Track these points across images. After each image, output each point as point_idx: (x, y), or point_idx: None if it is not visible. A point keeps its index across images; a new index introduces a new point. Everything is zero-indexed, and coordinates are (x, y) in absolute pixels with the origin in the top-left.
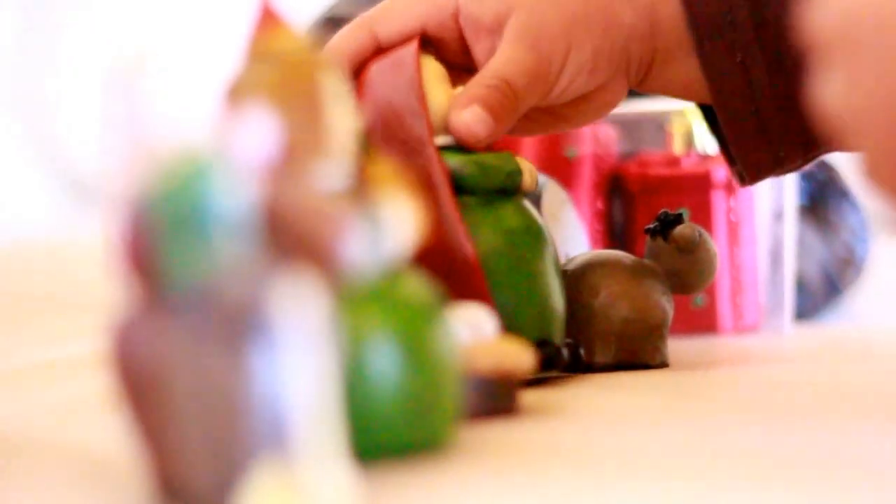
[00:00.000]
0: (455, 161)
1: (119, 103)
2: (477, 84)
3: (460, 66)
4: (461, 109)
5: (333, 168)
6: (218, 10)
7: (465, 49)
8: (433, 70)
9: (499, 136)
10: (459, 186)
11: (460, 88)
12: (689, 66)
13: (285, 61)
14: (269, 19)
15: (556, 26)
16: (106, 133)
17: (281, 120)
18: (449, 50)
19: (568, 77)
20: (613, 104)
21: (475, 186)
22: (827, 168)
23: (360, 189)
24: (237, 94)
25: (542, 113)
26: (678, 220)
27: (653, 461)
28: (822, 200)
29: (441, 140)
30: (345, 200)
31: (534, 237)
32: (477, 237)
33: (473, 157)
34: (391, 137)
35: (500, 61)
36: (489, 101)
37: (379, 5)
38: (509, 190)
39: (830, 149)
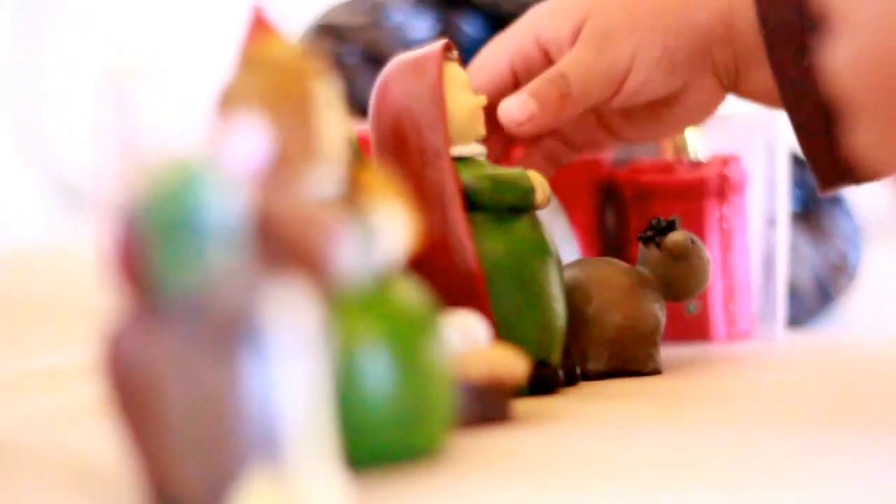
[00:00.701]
0: (469, 176)
1: (112, 111)
2: (537, 78)
3: None
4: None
5: (324, 175)
6: (210, 17)
7: None
8: (456, 77)
9: (545, 126)
10: (472, 201)
11: (482, 97)
12: (767, 73)
13: (277, 69)
14: (261, 27)
15: (624, 27)
16: (99, 141)
17: (272, 127)
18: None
19: (640, 76)
20: (710, 107)
21: (488, 202)
22: None
23: (352, 196)
24: (229, 101)
25: (640, 115)
26: (671, 227)
27: (645, 468)
28: (814, 207)
29: (457, 151)
30: (336, 208)
31: (542, 256)
32: (486, 253)
33: (488, 172)
34: (405, 145)
35: (565, 61)
36: (539, 91)
37: (473, 62)
38: (522, 207)
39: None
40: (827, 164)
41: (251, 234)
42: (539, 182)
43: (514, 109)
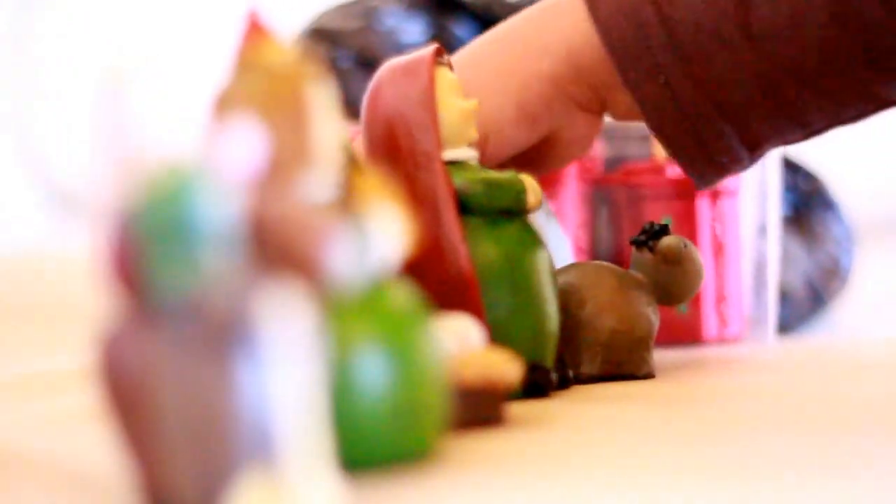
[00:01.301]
0: (461, 179)
1: (107, 115)
2: None
3: None
4: None
5: (319, 179)
6: (205, 22)
7: None
8: (447, 82)
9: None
10: (465, 205)
11: (474, 101)
12: (626, 94)
13: (272, 73)
14: (256, 32)
15: (481, 92)
16: (94, 145)
17: (267, 132)
18: None
19: (501, 139)
20: (591, 136)
21: (480, 206)
22: (811, 179)
23: (347, 200)
24: (224, 105)
25: (524, 158)
26: (664, 231)
27: (638, 471)
28: (806, 211)
29: (449, 155)
30: (330, 211)
31: (535, 259)
32: (479, 256)
33: (480, 175)
34: (397, 149)
35: None
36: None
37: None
38: (514, 210)
39: (777, 142)
40: (702, 166)
41: (246, 239)
42: (531, 185)
43: None
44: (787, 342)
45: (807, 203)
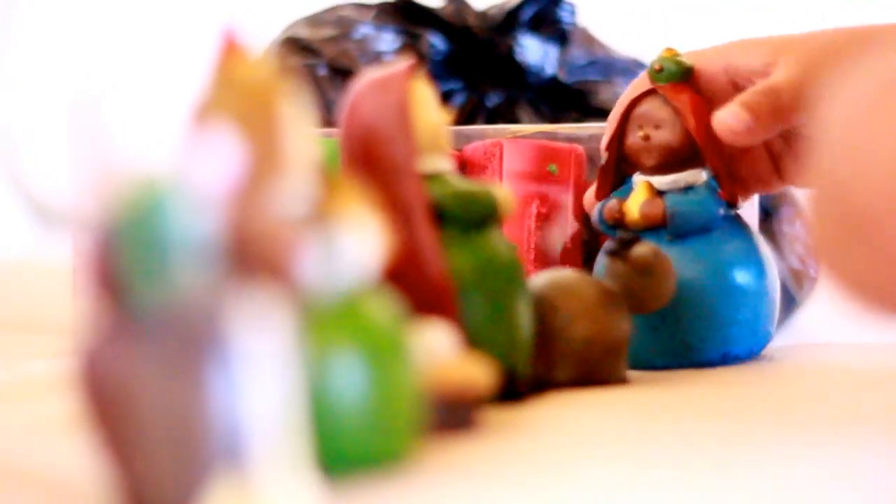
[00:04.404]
0: (437, 190)
1: (84, 129)
2: (747, 91)
3: None
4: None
5: (293, 191)
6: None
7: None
8: (422, 94)
9: (758, 137)
10: (440, 215)
11: (448, 114)
12: None
13: (246, 88)
14: (231, 47)
15: (821, 61)
16: (72, 158)
17: (242, 145)
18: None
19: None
20: None
21: (455, 217)
22: None
23: (322, 212)
24: (200, 119)
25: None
26: (636, 240)
27: (610, 476)
28: (775, 212)
29: (425, 167)
30: (303, 223)
31: (509, 270)
32: (454, 266)
33: (455, 187)
34: (374, 161)
35: (775, 77)
36: (751, 102)
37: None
38: (488, 220)
39: None
40: None
41: (221, 250)
42: (504, 196)
43: (729, 119)
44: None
45: (775, 204)
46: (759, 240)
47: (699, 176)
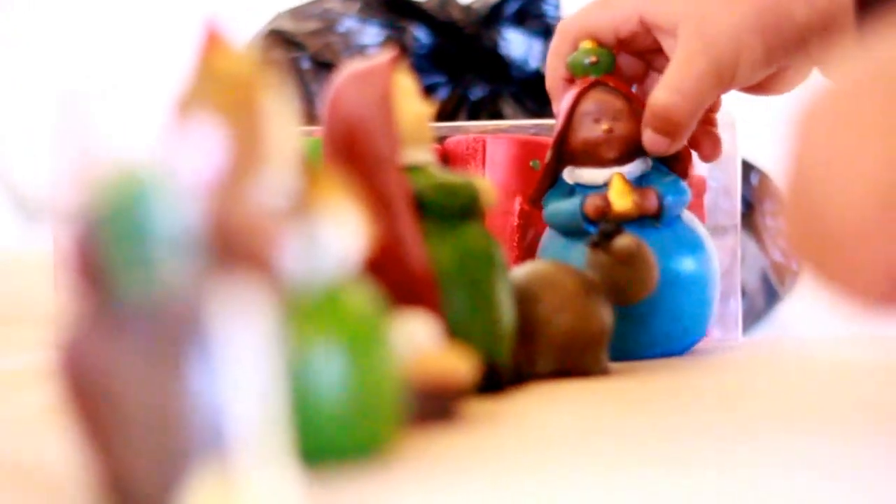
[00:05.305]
0: (419, 182)
1: (67, 120)
2: (648, 109)
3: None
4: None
5: (275, 184)
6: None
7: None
8: (404, 86)
9: (680, 143)
10: (422, 207)
11: (431, 106)
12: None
13: (230, 80)
14: (214, 38)
15: (727, 32)
16: (54, 149)
17: (225, 137)
18: (643, 45)
19: (742, 77)
20: (800, 81)
21: (437, 208)
22: (759, 173)
23: (304, 204)
24: (182, 111)
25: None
26: (618, 231)
27: (592, 467)
28: (756, 206)
29: (407, 159)
30: (285, 215)
31: (490, 261)
32: (436, 257)
33: (437, 179)
34: (356, 153)
35: (672, 71)
36: (657, 127)
37: (573, 17)
38: (470, 212)
39: None
40: None
41: (203, 241)
42: (486, 188)
43: (653, 146)
44: (743, 338)
45: (756, 198)
46: (697, 222)
47: (648, 162)
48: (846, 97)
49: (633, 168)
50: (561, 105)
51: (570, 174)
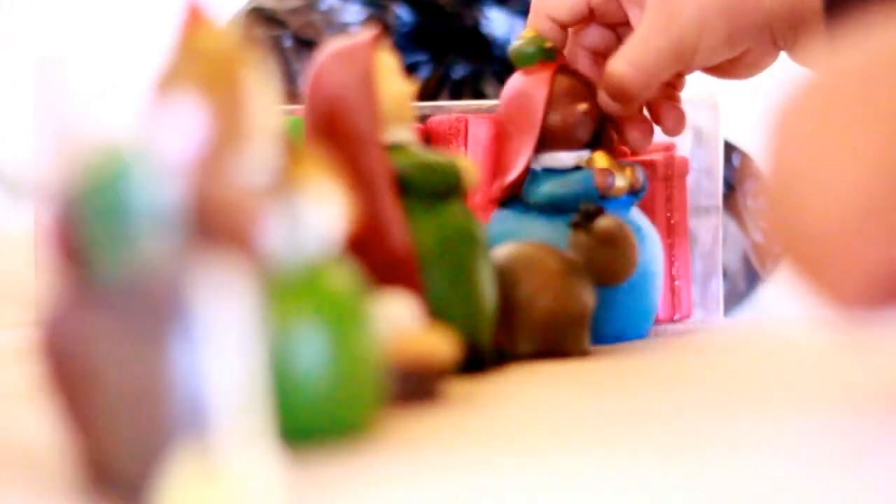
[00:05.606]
0: (400, 161)
1: (47, 98)
2: (605, 73)
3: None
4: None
5: (256, 161)
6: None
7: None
8: (386, 65)
9: (632, 109)
10: (404, 186)
11: (413, 84)
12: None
13: (210, 58)
14: (195, 16)
15: (692, 11)
16: (34, 126)
17: (206, 114)
18: (615, 19)
19: (703, 57)
20: (762, 66)
21: (418, 187)
22: (741, 155)
23: (285, 182)
24: (163, 89)
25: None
26: (599, 212)
27: (572, 448)
28: (738, 188)
29: (389, 137)
30: (266, 193)
31: (472, 240)
32: (417, 237)
33: (418, 158)
34: (338, 131)
35: (632, 43)
36: (610, 94)
37: None
38: (452, 192)
39: None
40: None
41: (184, 219)
42: (467, 168)
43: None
44: (725, 320)
45: (738, 179)
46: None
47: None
48: (829, 94)
49: (585, 152)
50: (522, 90)
51: (537, 160)
